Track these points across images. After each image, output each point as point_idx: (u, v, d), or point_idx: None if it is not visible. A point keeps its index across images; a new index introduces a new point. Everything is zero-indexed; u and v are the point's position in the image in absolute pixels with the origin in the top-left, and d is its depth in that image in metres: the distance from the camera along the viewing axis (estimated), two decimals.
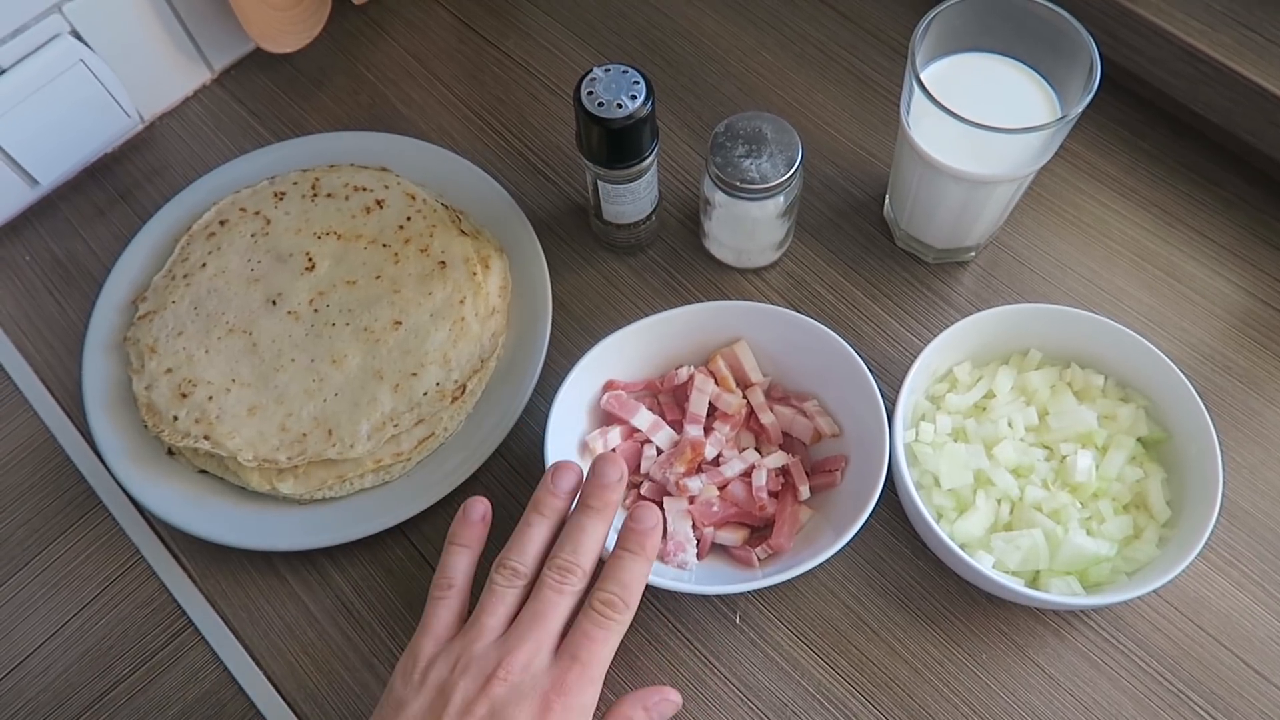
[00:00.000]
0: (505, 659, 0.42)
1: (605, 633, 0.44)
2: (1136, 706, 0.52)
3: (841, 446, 0.56)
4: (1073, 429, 0.54)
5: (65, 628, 0.57)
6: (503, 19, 0.77)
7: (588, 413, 0.57)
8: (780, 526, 0.54)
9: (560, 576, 0.44)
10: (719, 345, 0.58)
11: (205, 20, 0.71)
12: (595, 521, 0.46)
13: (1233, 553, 0.55)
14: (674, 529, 0.53)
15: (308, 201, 0.65)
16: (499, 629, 0.44)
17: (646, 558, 0.46)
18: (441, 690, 0.43)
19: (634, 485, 0.56)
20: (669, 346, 0.58)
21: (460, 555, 0.48)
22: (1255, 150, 0.64)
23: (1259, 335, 0.61)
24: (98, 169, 0.71)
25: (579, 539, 0.46)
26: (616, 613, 0.44)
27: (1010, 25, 0.55)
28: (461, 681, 0.42)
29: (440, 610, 0.46)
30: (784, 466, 0.56)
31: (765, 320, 0.57)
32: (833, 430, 0.57)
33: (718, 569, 0.54)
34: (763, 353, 0.58)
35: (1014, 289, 0.64)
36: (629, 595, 0.44)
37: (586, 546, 0.45)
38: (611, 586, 0.45)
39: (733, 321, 0.58)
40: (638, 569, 0.45)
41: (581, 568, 0.45)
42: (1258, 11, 0.63)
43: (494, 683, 0.42)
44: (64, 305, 0.66)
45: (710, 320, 0.57)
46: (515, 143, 0.71)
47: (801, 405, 0.57)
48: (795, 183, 0.58)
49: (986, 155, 0.54)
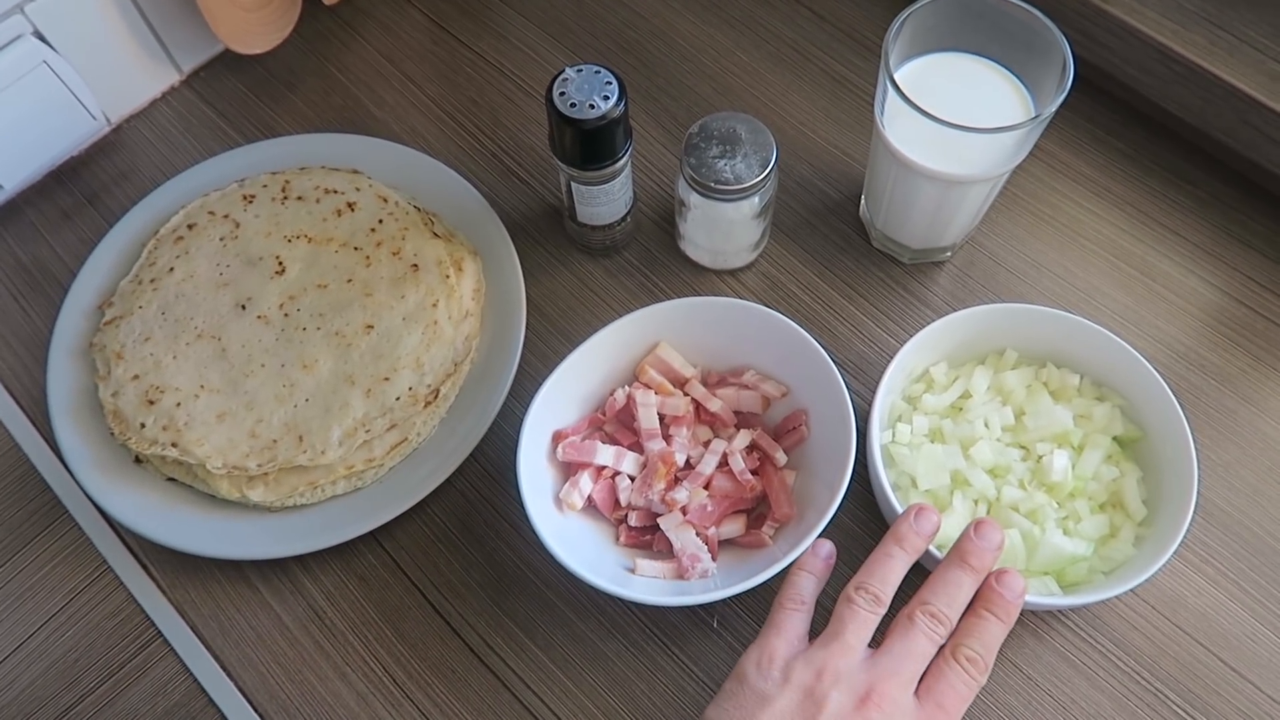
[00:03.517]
0: (878, 685, 0.42)
1: (968, 690, 0.44)
2: (1114, 705, 0.52)
3: (795, 401, 0.57)
4: (1049, 429, 0.54)
5: (31, 640, 0.56)
6: (476, 20, 0.76)
7: (550, 467, 0.56)
8: (775, 497, 0.54)
9: (933, 625, 0.44)
10: (640, 356, 0.58)
11: (173, 21, 0.70)
12: (970, 580, 0.45)
13: (1209, 551, 0.55)
14: (681, 544, 0.53)
15: (278, 204, 0.64)
16: (861, 650, 0.44)
17: (1008, 625, 0.45)
18: (811, 694, 0.42)
19: (621, 520, 0.56)
20: (595, 376, 0.58)
21: (809, 580, 0.48)
22: (1228, 149, 0.65)
23: (1233, 333, 0.61)
24: (63, 172, 0.70)
25: (954, 593, 0.45)
26: (979, 672, 0.44)
27: (984, 25, 0.55)
28: (834, 693, 0.42)
29: (793, 618, 0.46)
30: (752, 442, 0.56)
31: (672, 316, 0.57)
32: (780, 390, 0.57)
33: (737, 562, 0.54)
34: (683, 346, 0.58)
35: (990, 289, 0.64)
36: (990, 657, 0.44)
37: (959, 602, 0.45)
38: (976, 645, 0.44)
39: (646, 330, 0.57)
40: (999, 634, 0.45)
41: (952, 621, 0.45)
42: (1229, 11, 0.63)
43: (869, 706, 0.42)
44: (29, 311, 0.65)
45: (624, 337, 0.57)
46: (489, 144, 0.70)
47: (740, 380, 0.57)
48: (770, 183, 0.58)
49: (961, 155, 0.54)
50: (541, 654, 0.54)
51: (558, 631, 0.55)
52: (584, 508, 0.55)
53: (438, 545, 0.57)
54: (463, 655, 0.55)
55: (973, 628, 0.45)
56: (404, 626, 0.55)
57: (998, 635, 0.45)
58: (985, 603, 0.45)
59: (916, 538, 0.47)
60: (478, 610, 0.56)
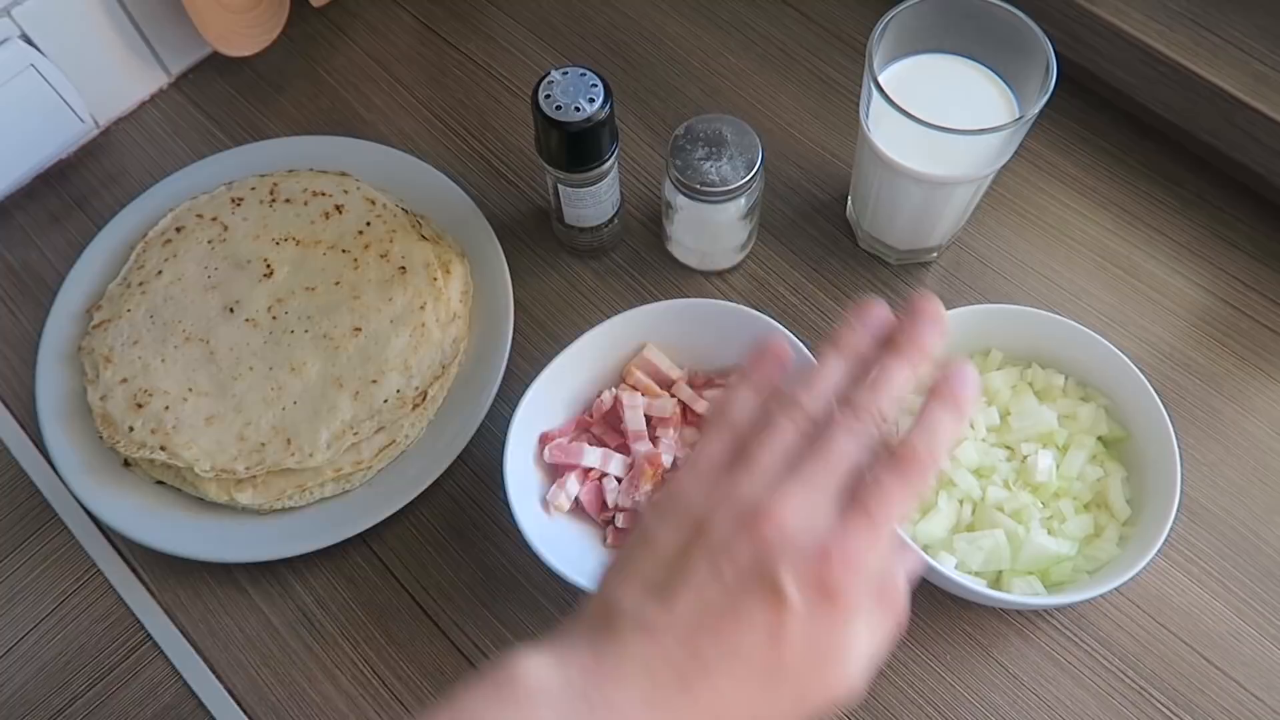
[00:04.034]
0: (780, 501, 0.34)
1: (903, 487, 0.35)
2: (1099, 704, 0.52)
3: None
4: (1034, 429, 0.54)
5: (21, 643, 0.56)
6: (465, 21, 0.76)
7: (537, 469, 0.56)
8: None
9: (855, 421, 0.36)
10: (628, 358, 0.59)
11: (160, 23, 0.70)
12: (904, 366, 0.37)
13: (1193, 550, 0.56)
14: None
15: (266, 207, 0.64)
16: (775, 469, 0.35)
17: (960, 418, 0.37)
18: (698, 525, 0.34)
19: (609, 521, 0.56)
20: (583, 378, 0.58)
21: (747, 398, 0.38)
22: (1214, 149, 0.65)
23: (1217, 333, 0.62)
24: (52, 175, 0.70)
25: (883, 384, 0.36)
26: (919, 472, 0.35)
27: (968, 26, 0.55)
28: (721, 521, 0.34)
29: (711, 444, 0.37)
30: None
31: (659, 317, 0.57)
32: None
33: None
34: (670, 348, 0.59)
35: (976, 289, 0.64)
36: (937, 452, 0.36)
37: (890, 392, 0.36)
38: (919, 437, 0.36)
39: (633, 331, 0.58)
40: (950, 427, 0.36)
41: (881, 413, 0.36)
42: (1213, 12, 0.64)
43: (763, 524, 0.33)
44: (18, 314, 0.65)
45: (611, 339, 0.57)
46: (477, 146, 0.70)
47: (727, 381, 0.58)
48: (756, 185, 0.58)
49: (945, 156, 0.54)
50: None
51: (545, 632, 0.54)
52: (571, 509, 0.55)
53: (426, 547, 0.58)
54: (451, 656, 0.55)
55: (917, 421, 0.36)
56: (393, 628, 0.56)
57: (947, 428, 0.36)
58: (931, 393, 0.37)
59: (857, 336, 0.38)
60: (466, 612, 0.56)
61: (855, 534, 0.34)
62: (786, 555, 0.33)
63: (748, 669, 0.33)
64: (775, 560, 0.33)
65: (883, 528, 0.35)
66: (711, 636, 0.33)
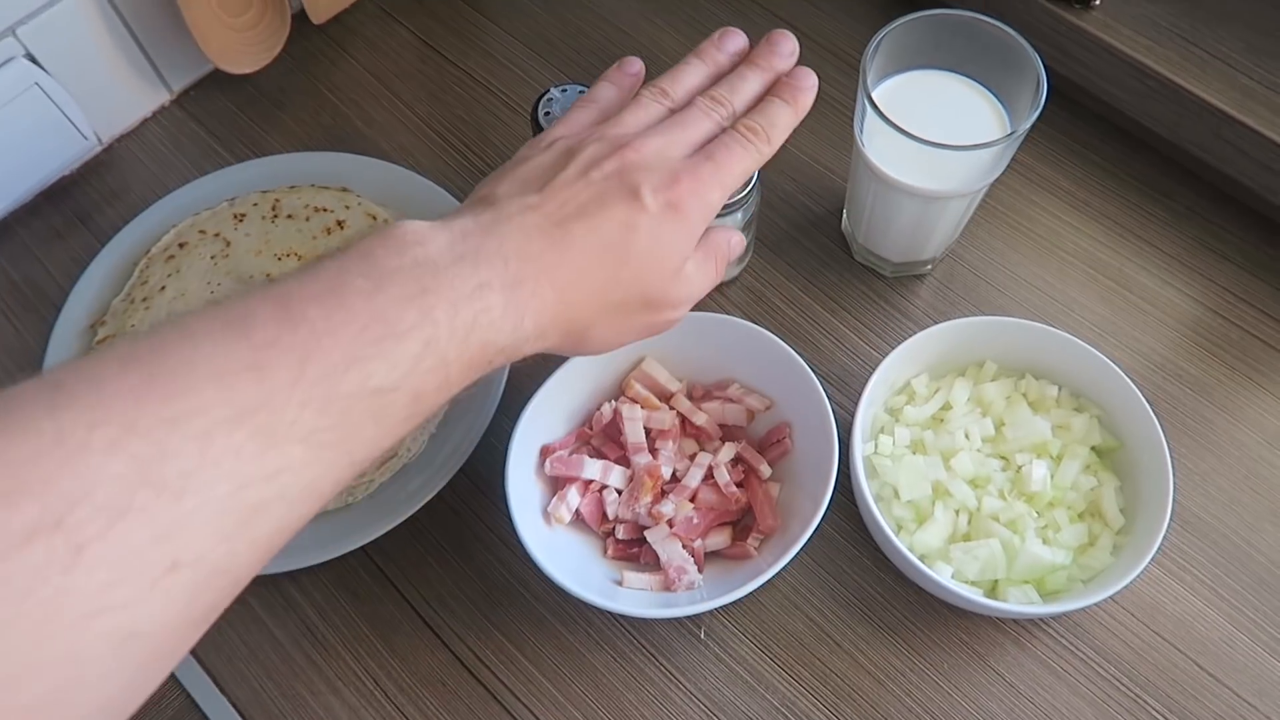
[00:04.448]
0: (642, 138, 0.41)
1: (743, 150, 0.42)
2: (1095, 712, 0.53)
3: (779, 414, 0.58)
4: (1028, 439, 0.55)
5: None
6: (464, 38, 0.77)
7: (538, 481, 0.57)
8: (760, 510, 0.55)
9: (712, 106, 0.43)
10: (626, 371, 0.59)
11: (163, 41, 0.71)
12: (758, 76, 0.44)
13: (1186, 558, 0.56)
14: (668, 556, 0.54)
15: (268, 223, 0.65)
16: (639, 127, 0.43)
17: (797, 111, 0.44)
18: (570, 150, 0.41)
19: (609, 533, 0.56)
20: (582, 392, 0.58)
21: (609, 88, 0.46)
22: (1203, 162, 0.66)
23: (1209, 344, 0.63)
24: (55, 192, 0.71)
25: (736, 83, 0.44)
26: (759, 139, 0.42)
27: (960, 43, 0.56)
28: (591, 145, 0.41)
29: (580, 112, 0.45)
30: (737, 455, 0.57)
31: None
32: (764, 404, 0.58)
33: (723, 574, 0.54)
34: (668, 361, 0.59)
35: (970, 301, 0.65)
36: (774, 133, 0.43)
37: (743, 92, 0.44)
38: (758, 118, 0.43)
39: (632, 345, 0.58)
40: (787, 116, 0.44)
41: (733, 105, 0.43)
42: (1201, 27, 0.65)
43: (627, 150, 0.40)
44: (21, 330, 0.66)
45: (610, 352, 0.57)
46: (477, 161, 0.71)
47: (725, 393, 0.58)
48: (753, 198, 0.59)
49: (939, 171, 0.55)
50: (531, 666, 0.55)
51: (547, 644, 0.56)
52: (572, 521, 0.56)
53: (428, 559, 0.58)
54: (453, 668, 0.55)
55: (758, 107, 0.44)
56: (395, 640, 0.56)
57: (785, 116, 0.44)
58: (774, 90, 0.45)
59: (718, 52, 0.46)
60: (468, 623, 0.56)
61: (702, 169, 0.41)
62: (645, 171, 0.40)
63: (603, 246, 0.39)
64: (636, 172, 0.40)
65: (724, 173, 0.41)
66: (578, 217, 0.39)
